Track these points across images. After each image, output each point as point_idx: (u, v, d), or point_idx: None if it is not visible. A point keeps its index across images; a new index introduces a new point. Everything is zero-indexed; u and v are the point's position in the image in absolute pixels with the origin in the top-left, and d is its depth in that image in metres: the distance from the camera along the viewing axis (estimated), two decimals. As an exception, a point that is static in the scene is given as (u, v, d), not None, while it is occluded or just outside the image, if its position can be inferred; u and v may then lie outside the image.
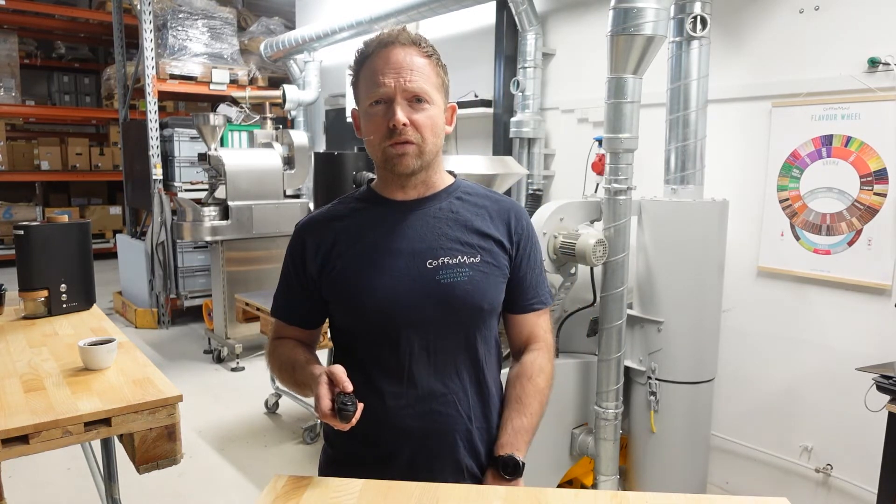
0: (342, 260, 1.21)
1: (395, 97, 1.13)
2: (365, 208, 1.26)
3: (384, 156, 1.17)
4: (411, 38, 1.16)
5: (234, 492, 3.03)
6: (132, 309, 5.80)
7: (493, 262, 1.22)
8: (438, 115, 1.18)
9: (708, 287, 2.55)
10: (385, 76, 1.13)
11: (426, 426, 1.20)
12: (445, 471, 1.22)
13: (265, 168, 4.81)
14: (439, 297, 1.17)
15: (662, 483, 2.63)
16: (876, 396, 2.05)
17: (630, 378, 2.69)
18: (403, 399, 1.20)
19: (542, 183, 3.81)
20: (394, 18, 4.43)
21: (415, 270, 1.18)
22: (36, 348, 1.92)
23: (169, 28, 5.97)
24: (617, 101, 2.41)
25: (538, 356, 1.30)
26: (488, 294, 1.21)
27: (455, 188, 1.27)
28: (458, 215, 1.23)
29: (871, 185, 2.47)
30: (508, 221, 1.25)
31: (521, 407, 1.25)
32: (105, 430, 1.47)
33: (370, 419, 1.13)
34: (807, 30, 2.64)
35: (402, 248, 1.19)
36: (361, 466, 1.22)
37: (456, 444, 1.22)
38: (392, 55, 1.14)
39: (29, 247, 2.23)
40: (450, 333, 1.21)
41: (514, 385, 1.28)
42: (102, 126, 9.84)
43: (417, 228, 1.21)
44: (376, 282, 1.18)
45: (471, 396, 1.24)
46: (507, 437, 1.24)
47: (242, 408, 3.97)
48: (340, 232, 1.24)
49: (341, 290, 1.22)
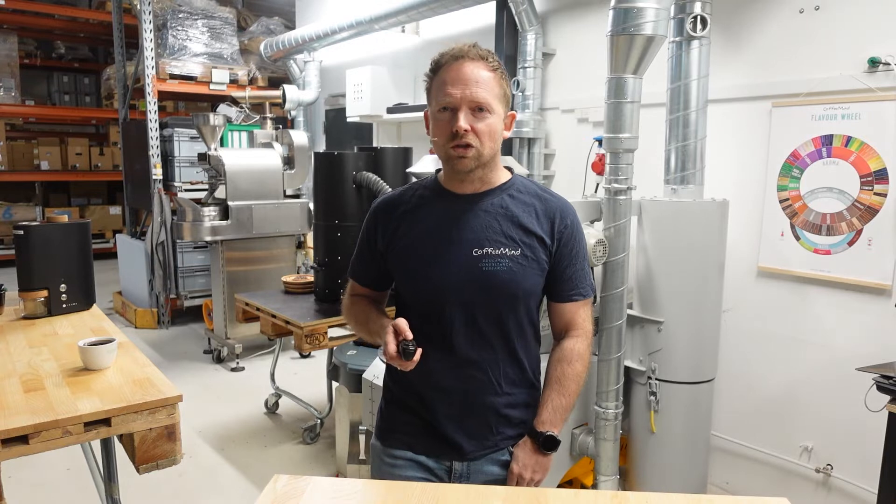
0: (404, 240, 1.41)
1: (460, 106, 1.29)
2: (429, 196, 1.44)
3: (446, 155, 1.34)
4: (479, 54, 1.32)
5: (234, 492, 3.02)
6: (132, 309, 5.80)
7: (531, 256, 1.37)
8: (497, 123, 1.33)
9: (708, 287, 2.55)
10: (454, 87, 1.29)
11: (462, 386, 1.39)
12: (474, 422, 1.41)
13: (265, 168, 4.81)
14: (481, 281, 1.34)
15: (662, 483, 2.63)
16: (876, 396, 2.04)
17: (630, 378, 2.69)
18: (445, 363, 1.38)
19: (542, 183, 3.81)
20: (394, 18, 4.43)
21: (462, 257, 1.35)
22: (36, 348, 1.92)
23: (169, 28, 5.97)
24: (617, 101, 2.41)
25: (577, 343, 1.44)
26: (523, 284, 1.37)
27: (509, 185, 1.41)
28: (507, 211, 1.38)
29: (871, 185, 2.46)
30: (553, 219, 1.39)
31: (560, 388, 1.42)
32: (105, 430, 1.47)
33: (418, 376, 1.35)
34: (807, 30, 2.64)
35: (454, 235, 1.37)
36: (412, 410, 1.45)
37: (486, 405, 1.40)
38: (462, 68, 1.30)
39: (29, 247, 2.23)
40: (487, 313, 1.37)
41: (554, 368, 1.44)
42: (102, 126, 9.83)
43: (470, 220, 1.37)
44: (429, 263, 1.37)
45: (502, 367, 1.40)
46: (547, 415, 1.41)
47: (242, 408, 3.97)
48: (403, 217, 1.43)
49: (401, 269, 1.43)
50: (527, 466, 1.40)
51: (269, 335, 3.39)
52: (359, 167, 3.28)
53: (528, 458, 1.41)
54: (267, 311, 3.26)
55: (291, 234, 5.01)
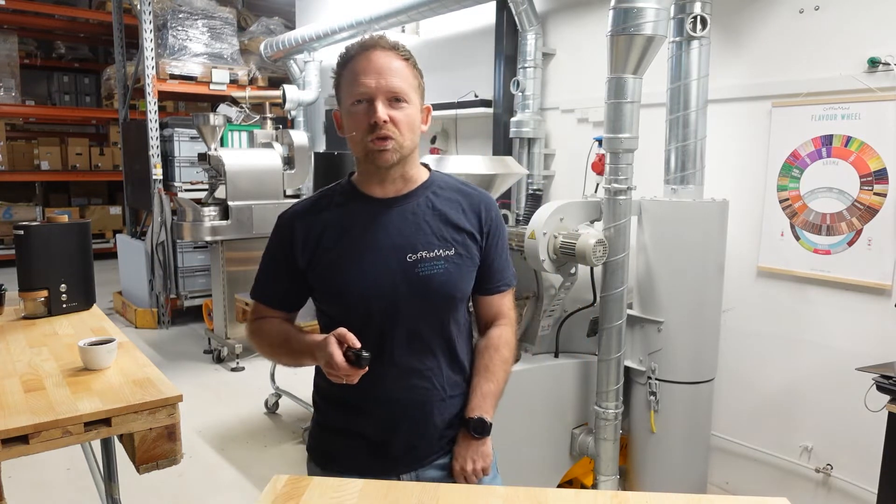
0: (329, 253, 1.31)
1: (376, 96, 1.22)
2: (348, 203, 1.35)
3: (365, 150, 1.26)
4: (390, 43, 1.26)
5: (234, 492, 3.02)
6: (132, 309, 5.80)
7: (465, 254, 1.34)
8: (415, 115, 1.28)
9: (708, 287, 2.55)
10: (367, 77, 1.22)
11: (406, 397, 1.33)
12: (424, 435, 1.36)
13: (265, 168, 4.81)
14: (418, 288, 1.29)
15: (662, 483, 2.63)
16: (876, 396, 2.04)
17: (630, 378, 2.69)
18: (387, 376, 1.31)
19: (542, 183, 3.81)
20: (394, 18, 4.43)
21: (395, 264, 1.29)
22: (36, 348, 1.92)
23: (169, 28, 5.97)
24: (617, 101, 2.41)
25: (504, 330, 1.44)
26: (461, 284, 1.34)
27: (430, 183, 1.37)
28: (435, 210, 1.33)
29: (871, 185, 2.46)
30: (479, 213, 1.37)
31: (488, 374, 1.39)
32: (105, 431, 1.47)
33: (357, 392, 1.25)
34: (807, 30, 2.64)
35: (384, 242, 1.30)
36: (347, 432, 1.37)
37: (432, 413, 1.35)
38: (373, 58, 1.23)
39: (29, 247, 2.23)
40: (426, 319, 1.32)
41: (482, 355, 1.42)
42: (102, 126, 9.83)
43: (398, 224, 1.31)
44: (360, 274, 1.28)
45: (445, 371, 1.36)
46: (476, 401, 1.37)
47: (242, 408, 3.97)
48: (326, 226, 1.33)
49: (328, 281, 1.32)
50: (466, 458, 1.36)
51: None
52: (359, 167, 3.28)
53: (465, 450, 1.36)
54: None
55: (291, 234, 5.00)
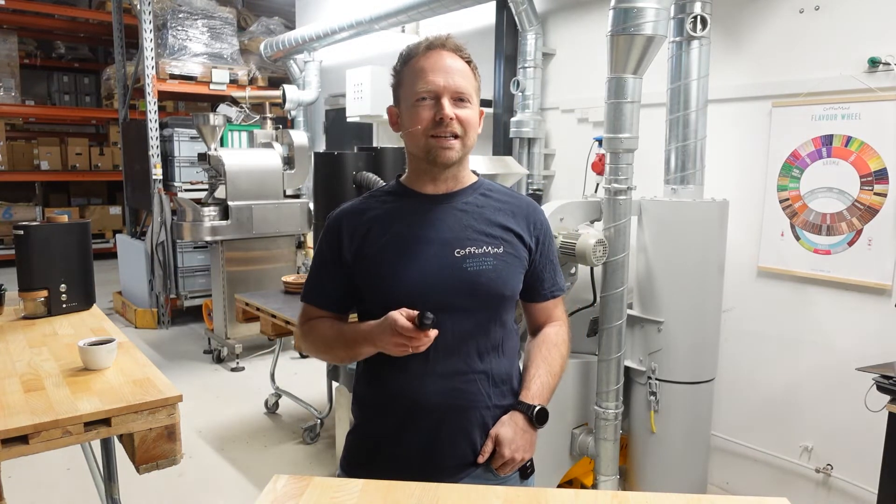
0: (375, 247, 1.29)
1: (442, 94, 1.22)
2: (396, 201, 1.34)
3: (427, 147, 1.25)
4: (456, 45, 1.27)
5: (234, 492, 3.02)
6: (132, 309, 5.80)
7: (513, 254, 1.31)
8: (476, 115, 1.28)
9: (708, 287, 2.55)
10: (434, 75, 1.23)
11: (448, 402, 1.27)
12: (459, 445, 1.29)
13: (265, 168, 4.81)
14: (466, 283, 1.26)
15: (662, 483, 2.63)
16: (876, 396, 2.04)
17: (630, 378, 2.69)
18: (428, 377, 1.27)
19: (542, 183, 3.81)
20: (394, 18, 4.43)
21: (444, 258, 1.26)
22: (36, 348, 1.92)
23: (169, 28, 5.97)
24: (617, 101, 2.41)
25: (560, 329, 1.43)
26: (510, 282, 1.31)
27: (479, 185, 1.36)
28: (483, 210, 1.32)
29: (871, 185, 2.46)
30: (529, 219, 1.36)
31: (548, 367, 1.36)
32: (105, 431, 1.47)
33: (397, 393, 1.27)
34: (807, 30, 2.64)
35: (431, 237, 1.27)
36: (391, 439, 1.31)
37: (472, 421, 1.29)
38: (440, 57, 1.24)
39: (29, 247, 2.23)
40: (473, 317, 1.28)
41: (539, 348, 1.39)
42: (102, 126, 9.83)
43: (446, 220, 1.29)
44: (407, 268, 1.26)
45: (490, 376, 1.31)
46: (537, 390, 1.33)
47: (242, 408, 3.97)
48: (374, 221, 1.31)
49: (374, 275, 1.29)
50: (518, 447, 1.28)
51: (269, 335, 3.39)
52: (359, 167, 3.29)
53: (519, 437, 1.28)
54: (267, 311, 3.26)
55: (291, 234, 5.01)
